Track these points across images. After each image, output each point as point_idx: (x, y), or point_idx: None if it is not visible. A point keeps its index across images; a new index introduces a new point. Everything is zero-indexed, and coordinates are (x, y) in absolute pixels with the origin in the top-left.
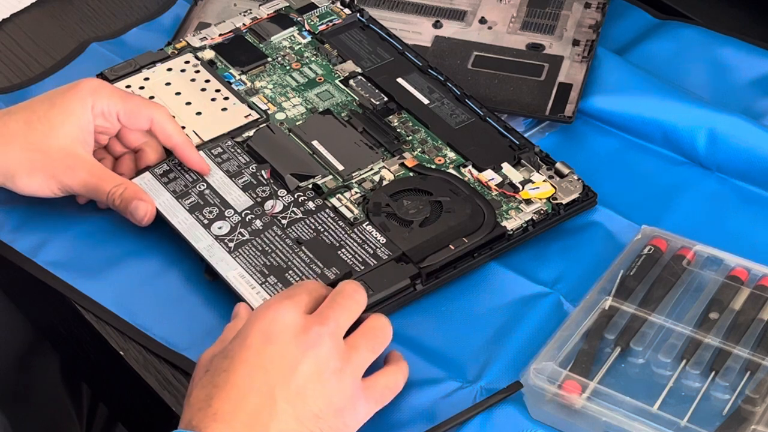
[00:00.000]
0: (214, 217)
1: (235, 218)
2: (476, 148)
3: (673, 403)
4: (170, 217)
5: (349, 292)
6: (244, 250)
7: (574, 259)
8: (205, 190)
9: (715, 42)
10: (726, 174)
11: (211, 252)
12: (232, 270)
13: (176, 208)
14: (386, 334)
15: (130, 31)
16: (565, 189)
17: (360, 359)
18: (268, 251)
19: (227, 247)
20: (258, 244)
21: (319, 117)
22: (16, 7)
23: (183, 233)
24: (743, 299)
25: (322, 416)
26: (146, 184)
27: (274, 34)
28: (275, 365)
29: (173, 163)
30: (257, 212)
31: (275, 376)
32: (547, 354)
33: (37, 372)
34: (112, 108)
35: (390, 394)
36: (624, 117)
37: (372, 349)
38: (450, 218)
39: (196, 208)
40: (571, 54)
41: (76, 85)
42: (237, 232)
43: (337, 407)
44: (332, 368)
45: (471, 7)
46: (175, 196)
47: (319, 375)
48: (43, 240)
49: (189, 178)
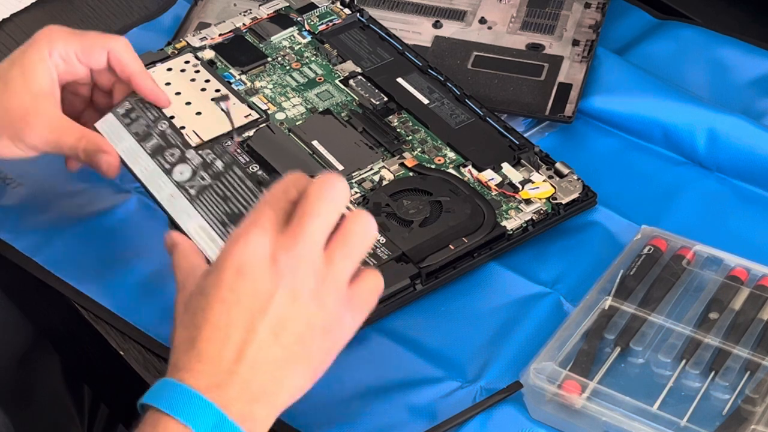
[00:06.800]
0: (176, 161)
1: (195, 160)
2: (476, 148)
3: (673, 403)
4: (132, 165)
5: (320, 192)
6: (204, 198)
7: (574, 259)
8: (167, 129)
9: (715, 42)
10: (726, 174)
11: (172, 202)
12: (191, 221)
13: (138, 153)
14: (366, 234)
15: (130, 31)
16: (565, 189)
17: (338, 272)
18: (228, 196)
19: (188, 195)
20: (219, 188)
21: (319, 117)
22: (16, 7)
23: (145, 183)
24: (743, 299)
25: (308, 340)
26: (109, 127)
27: (274, 34)
28: (250, 299)
29: (135, 99)
30: (218, 151)
31: (252, 309)
32: (547, 354)
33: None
34: (69, 48)
35: (375, 298)
36: (624, 117)
37: (350, 256)
38: (450, 218)
39: (158, 151)
40: (571, 54)
41: (31, 40)
42: (198, 175)
43: (321, 327)
44: (308, 291)
45: (471, 7)
46: (138, 138)
47: (295, 300)
48: (43, 240)
49: (150, 115)
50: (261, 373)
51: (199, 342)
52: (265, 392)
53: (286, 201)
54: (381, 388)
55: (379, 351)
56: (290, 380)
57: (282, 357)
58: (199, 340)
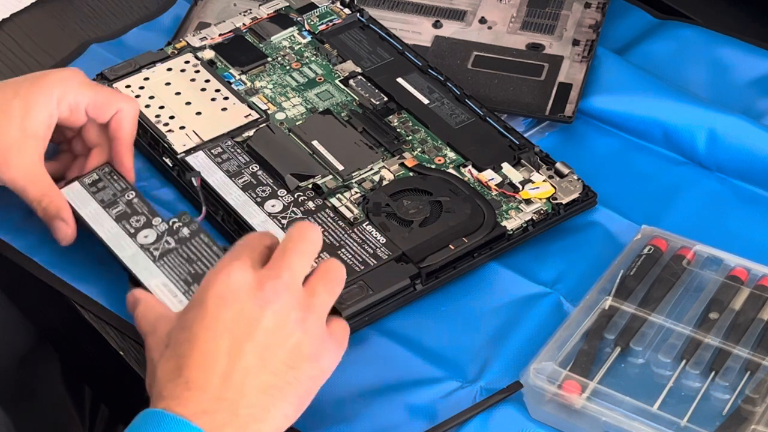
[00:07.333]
0: (141, 226)
1: (162, 227)
2: (476, 148)
3: (673, 403)
4: (96, 227)
5: (301, 235)
6: (168, 259)
7: (574, 259)
8: (134, 199)
9: (715, 42)
10: (726, 174)
11: (135, 261)
12: (154, 278)
13: (103, 218)
14: (342, 275)
15: (130, 31)
16: (565, 189)
17: (321, 304)
18: (193, 259)
19: (151, 256)
20: (184, 252)
21: (319, 117)
22: (16, 7)
23: (107, 242)
24: (743, 299)
25: (296, 366)
26: (74, 194)
27: (274, 34)
28: (237, 325)
29: (103, 172)
30: (185, 220)
31: (239, 335)
32: (547, 354)
33: (39, 372)
34: (81, 100)
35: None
36: (624, 117)
37: (331, 291)
38: (450, 218)
39: (123, 216)
40: (571, 54)
41: (44, 76)
42: (163, 240)
43: (308, 354)
44: (294, 319)
45: (471, 7)
46: (103, 205)
47: (282, 326)
48: (43, 239)
49: (118, 187)
50: (249, 399)
51: (185, 370)
52: (254, 419)
53: (262, 245)
54: (381, 388)
55: (379, 351)
56: (278, 408)
57: (270, 383)
58: (186, 368)
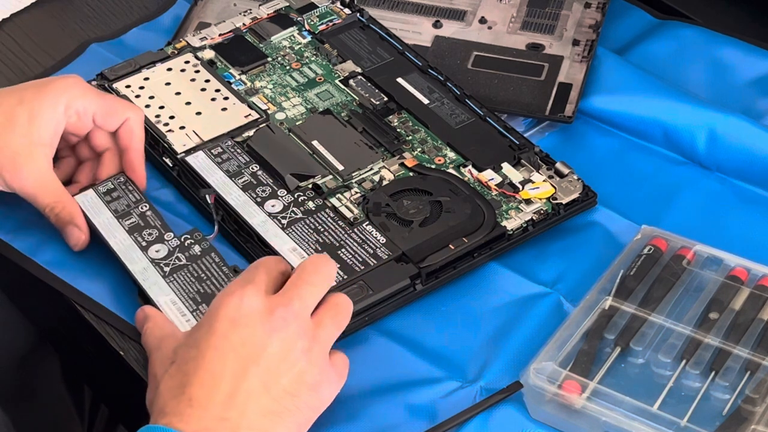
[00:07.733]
0: (153, 240)
1: (173, 242)
2: (476, 148)
3: (673, 403)
4: (108, 237)
5: (315, 267)
6: (178, 276)
7: (574, 259)
8: (147, 211)
9: (715, 42)
10: (726, 174)
11: (145, 275)
12: (164, 295)
13: (115, 228)
14: (349, 310)
15: (130, 31)
16: (565, 189)
17: (326, 335)
18: (203, 278)
19: (162, 272)
20: (194, 270)
21: (319, 117)
22: (16, 7)
23: (119, 254)
24: (743, 299)
25: (297, 394)
26: (88, 202)
27: (274, 34)
28: (244, 348)
29: (118, 182)
30: (197, 237)
31: (245, 358)
32: (547, 354)
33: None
34: (89, 107)
35: (347, 370)
36: (624, 117)
37: (338, 324)
38: (450, 218)
39: (136, 229)
40: (571, 54)
41: (49, 83)
42: (174, 256)
43: (310, 384)
44: (300, 348)
45: (471, 7)
46: (116, 215)
47: (287, 354)
48: (43, 239)
49: (132, 198)
50: (249, 421)
51: (189, 387)
52: None
53: (276, 271)
54: (381, 388)
55: (379, 351)
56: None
57: (270, 408)
58: (190, 386)
